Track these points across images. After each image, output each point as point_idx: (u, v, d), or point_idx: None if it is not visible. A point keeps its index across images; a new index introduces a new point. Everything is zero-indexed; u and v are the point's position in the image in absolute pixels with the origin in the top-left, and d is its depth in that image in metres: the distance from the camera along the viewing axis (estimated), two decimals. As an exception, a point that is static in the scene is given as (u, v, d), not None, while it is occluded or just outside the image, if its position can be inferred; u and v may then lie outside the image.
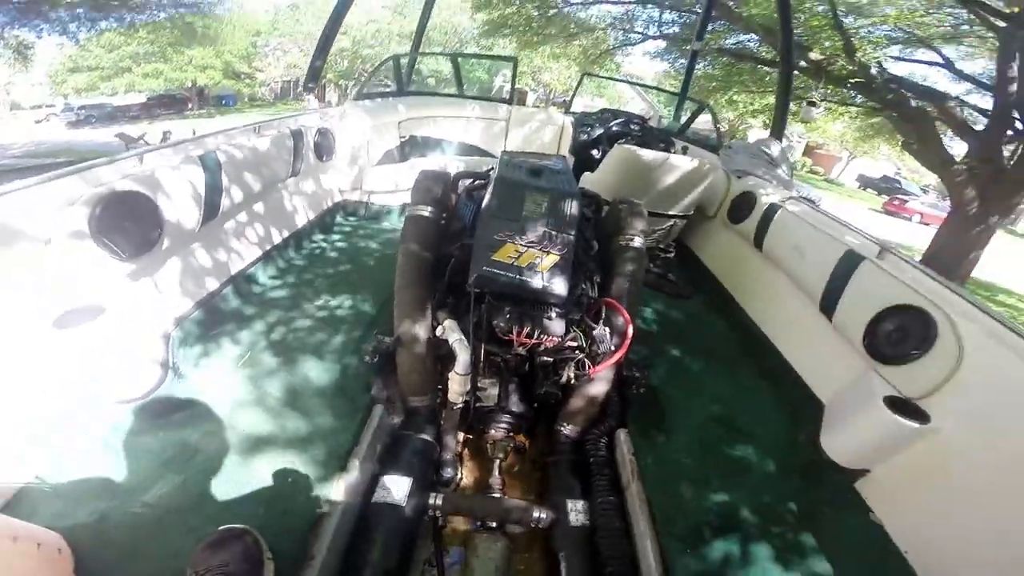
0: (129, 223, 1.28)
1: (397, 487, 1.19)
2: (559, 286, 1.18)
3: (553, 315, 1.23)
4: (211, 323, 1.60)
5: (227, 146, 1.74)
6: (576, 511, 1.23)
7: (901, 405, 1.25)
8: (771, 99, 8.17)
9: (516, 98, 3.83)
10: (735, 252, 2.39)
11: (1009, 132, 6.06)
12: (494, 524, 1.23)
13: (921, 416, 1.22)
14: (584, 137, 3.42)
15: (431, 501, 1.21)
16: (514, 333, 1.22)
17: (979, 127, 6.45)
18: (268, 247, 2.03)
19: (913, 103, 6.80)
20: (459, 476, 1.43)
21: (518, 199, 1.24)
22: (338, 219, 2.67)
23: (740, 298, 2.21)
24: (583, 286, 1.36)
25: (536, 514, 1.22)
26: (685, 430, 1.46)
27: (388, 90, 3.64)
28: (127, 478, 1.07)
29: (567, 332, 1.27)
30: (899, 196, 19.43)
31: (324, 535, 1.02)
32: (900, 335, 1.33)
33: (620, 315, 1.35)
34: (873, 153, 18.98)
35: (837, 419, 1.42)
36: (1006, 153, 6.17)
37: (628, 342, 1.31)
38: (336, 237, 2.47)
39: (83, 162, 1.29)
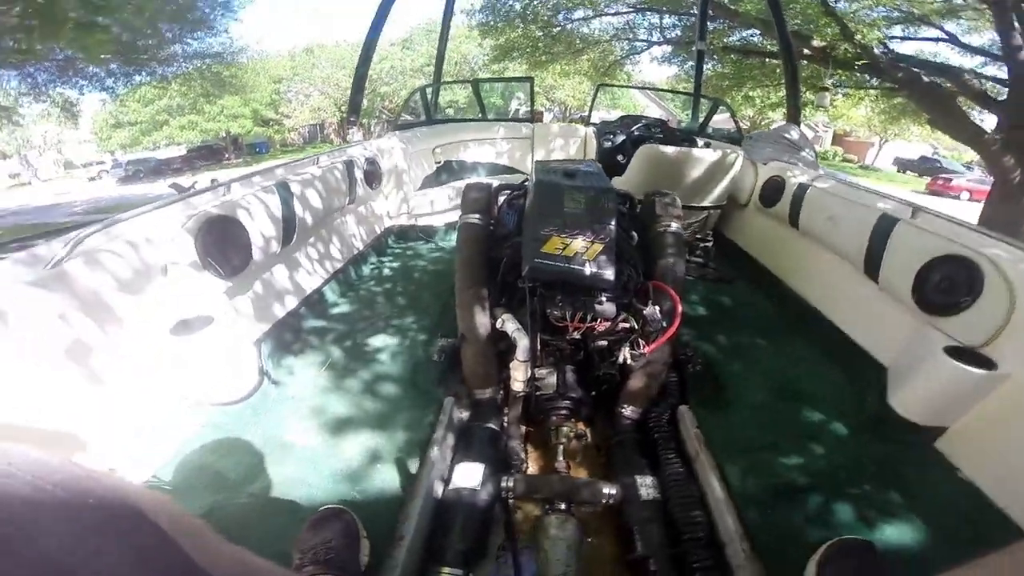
0: (226, 246, 1.45)
1: (471, 473, 1.26)
2: (606, 271, 1.24)
3: (603, 299, 1.30)
4: (293, 336, 1.76)
5: (295, 176, 1.93)
6: (646, 486, 1.26)
7: (964, 354, 1.23)
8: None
9: (534, 117, 4.00)
10: (772, 234, 2.43)
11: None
12: (563, 506, 1.25)
13: (987, 363, 1.20)
14: (608, 145, 3.51)
15: (504, 484, 1.26)
16: (568, 319, 1.30)
17: (1003, 97, 6.26)
18: (334, 269, 2.22)
19: (925, 79, 6.67)
20: (526, 464, 1.48)
21: (558, 198, 1.32)
22: (390, 242, 2.87)
23: (783, 276, 2.24)
24: (628, 272, 1.43)
25: (606, 490, 1.25)
26: (747, 402, 1.48)
27: (418, 120, 3.86)
28: (233, 472, 1.18)
29: (618, 314, 1.34)
30: (942, 175, 18.54)
31: (410, 518, 1.10)
32: (947, 284, 1.33)
33: (667, 295, 1.41)
34: (904, 135, 18.36)
35: (902, 377, 1.40)
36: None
37: (679, 319, 1.36)
38: (391, 258, 2.67)
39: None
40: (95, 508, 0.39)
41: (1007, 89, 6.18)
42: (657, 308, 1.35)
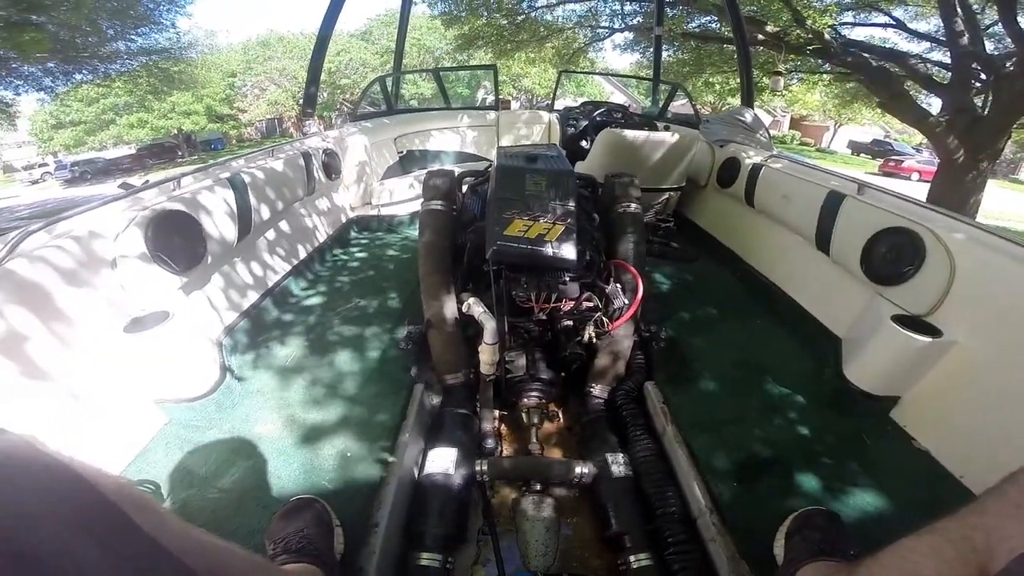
0: (179, 240, 1.40)
1: (444, 458, 1.26)
2: (568, 251, 1.27)
3: (567, 279, 1.33)
4: (257, 331, 1.72)
5: (249, 168, 1.87)
6: (617, 464, 1.27)
7: (911, 323, 1.28)
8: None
9: (500, 105, 4.01)
10: (730, 213, 2.51)
11: (976, 83, 6.21)
12: (539, 487, 1.27)
13: (933, 331, 1.24)
14: (571, 130, 3.55)
15: (477, 467, 1.28)
16: (533, 300, 1.32)
17: (947, 81, 6.61)
18: (296, 261, 2.17)
19: (875, 64, 6.97)
20: (499, 447, 1.50)
21: (520, 182, 1.34)
22: (353, 233, 2.82)
23: (742, 253, 2.32)
24: (590, 252, 1.45)
25: (578, 470, 1.27)
26: (711, 376, 1.51)
27: (379, 110, 3.80)
28: (202, 467, 1.16)
29: (582, 294, 1.37)
30: (894, 157, 19.32)
31: (385, 505, 1.09)
32: (893, 255, 1.39)
33: (629, 273, 1.45)
34: (857, 118, 19.07)
35: (855, 347, 1.44)
36: (978, 101, 6.31)
37: (640, 296, 1.39)
38: (355, 249, 2.62)
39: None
40: (55, 492, 0.38)
41: (950, 73, 6.51)
42: (619, 286, 1.38)
